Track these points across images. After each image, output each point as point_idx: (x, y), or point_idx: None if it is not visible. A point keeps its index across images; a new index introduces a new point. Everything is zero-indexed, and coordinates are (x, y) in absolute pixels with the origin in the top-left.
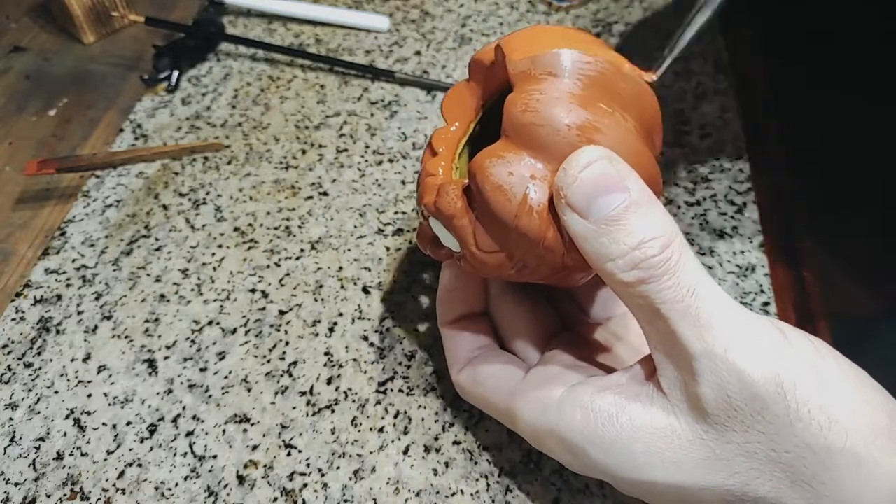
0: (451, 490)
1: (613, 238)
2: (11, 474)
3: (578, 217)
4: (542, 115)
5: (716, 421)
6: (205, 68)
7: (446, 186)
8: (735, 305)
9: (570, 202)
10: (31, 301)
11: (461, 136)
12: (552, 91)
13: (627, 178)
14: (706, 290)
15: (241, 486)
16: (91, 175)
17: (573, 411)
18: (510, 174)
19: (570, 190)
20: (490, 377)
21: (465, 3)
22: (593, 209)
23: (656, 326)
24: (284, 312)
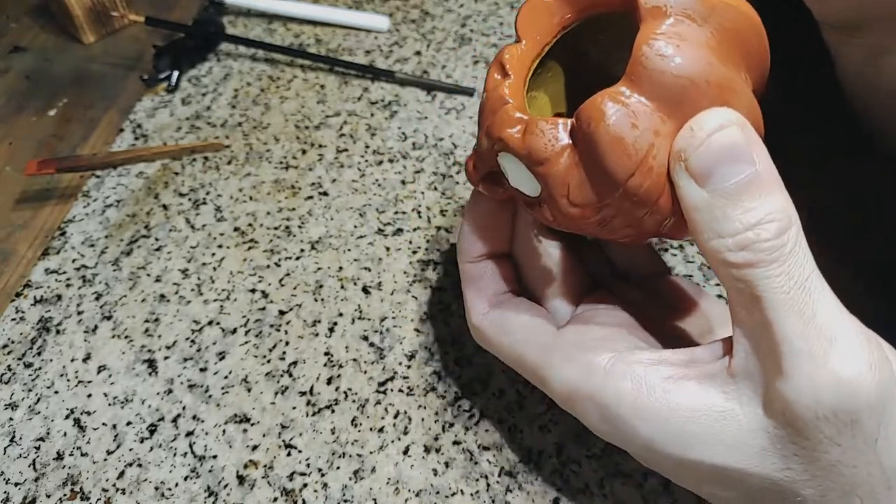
0: (451, 490)
1: (728, 214)
2: (11, 474)
3: (695, 184)
4: (681, 66)
5: (790, 422)
6: (205, 68)
7: (540, 124)
8: (842, 310)
9: (691, 167)
10: (31, 301)
11: (534, 58)
12: (692, 39)
13: (756, 150)
14: (816, 286)
15: (241, 486)
16: (91, 175)
17: (622, 381)
18: (633, 126)
19: (695, 153)
20: (520, 327)
21: (465, 3)
22: (714, 178)
23: (751, 313)
24: (284, 312)
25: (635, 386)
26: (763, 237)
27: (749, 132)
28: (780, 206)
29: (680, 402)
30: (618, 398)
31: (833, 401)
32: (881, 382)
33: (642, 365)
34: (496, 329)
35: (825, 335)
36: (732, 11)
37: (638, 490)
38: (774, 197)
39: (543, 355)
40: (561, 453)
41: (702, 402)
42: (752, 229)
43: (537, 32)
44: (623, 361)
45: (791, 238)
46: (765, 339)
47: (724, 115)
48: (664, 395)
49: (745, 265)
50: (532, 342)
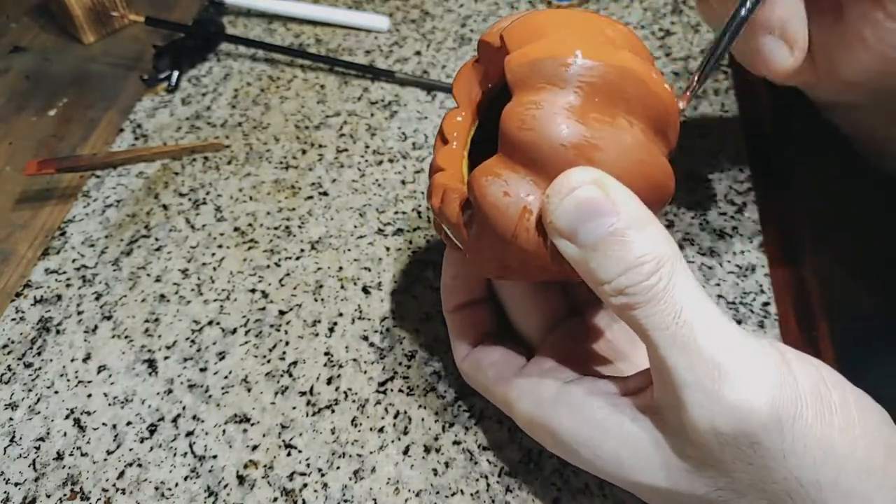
0: (451, 490)
1: (600, 263)
2: (11, 474)
3: (567, 241)
4: (537, 134)
5: (702, 448)
6: (205, 68)
7: (449, 193)
8: (731, 331)
9: (556, 226)
10: (31, 301)
11: (471, 124)
12: (550, 105)
13: (617, 200)
14: (696, 315)
15: (241, 486)
16: (91, 175)
17: (564, 410)
18: (506, 194)
19: (556, 216)
20: (491, 365)
21: (465, 3)
22: (580, 234)
23: (648, 351)
24: (284, 312)
25: (574, 415)
26: (635, 280)
27: (607, 186)
28: (647, 248)
29: (611, 430)
30: (561, 427)
31: (729, 426)
32: (774, 400)
33: (581, 395)
34: (472, 370)
35: (712, 364)
36: (597, 68)
37: None
38: (642, 240)
39: (507, 390)
40: None
41: (633, 430)
42: (624, 274)
43: (469, 97)
44: (566, 391)
45: (664, 275)
46: (663, 375)
47: (577, 177)
48: (598, 424)
49: (626, 308)
50: (500, 379)
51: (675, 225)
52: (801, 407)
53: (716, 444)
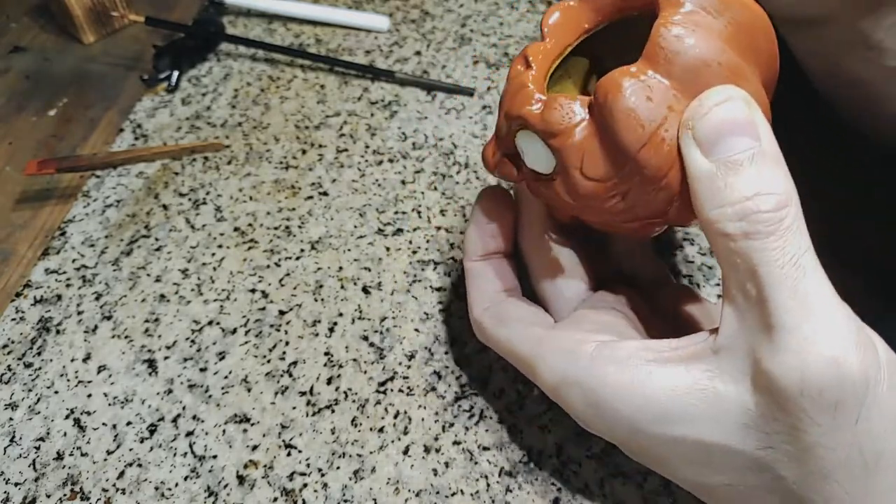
0: (451, 490)
1: (730, 183)
2: (11, 474)
3: (700, 153)
4: (696, 46)
5: (773, 397)
6: (205, 68)
7: (558, 99)
8: (835, 293)
9: (697, 135)
10: (31, 301)
11: (556, 56)
12: (706, 26)
13: (761, 126)
14: (811, 265)
15: (241, 486)
16: (91, 175)
17: (606, 366)
18: (648, 99)
19: (701, 122)
20: (518, 320)
21: (465, 3)
22: (719, 147)
23: (745, 289)
24: (284, 312)
25: (618, 369)
26: (762, 208)
27: (755, 110)
28: (780, 182)
29: (662, 382)
30: (602, 381)
31: (819, 380)
32: (866, 366)
33: (626, 350)
34: (494, 323)
35: (817, 314)
36: (746, 10)
37: (638, 490)
38: (775, 173)
39: (534, 347)
40: (561, 453)
41: (683, 381)
42: (751, 199)
43: (562, 33)
44: (608, 348)
45: (790, 214)
46: (756, 314)
47: (730, 90)
48: (647, 377)
49: (742, 236)
50: (525, 335)
51: None
52: (882, 374)
53: (796, 396)
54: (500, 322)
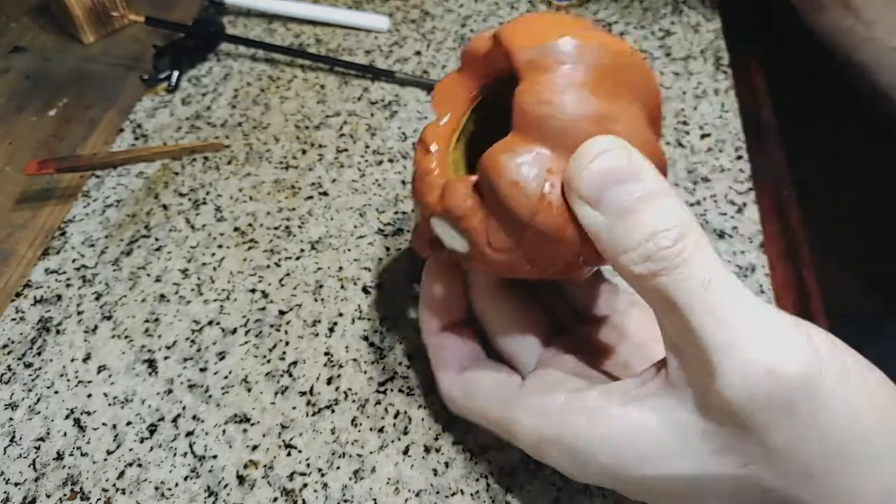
0: (451, 490)
1: (626, 230)
2: (11, 474)
3: (590, 209)
4: (555, 107)
5: (732, 416)
6: (205, 68)
7: (454, 184)
8: (752, 298)
9: (582, 193)
10: (31, 301)
11: (453, 131)
12: (564, 80)
13: (641, 168)
14: (722, 283)
15: (241, 486)
16: (91, 175)
17: (577, 417)
18: (526, 170)
19: (582, 181)
20: (485, 386)
21: (465, 3)
22: (605, 200)
23: (672, 322)
24: (284, 312)
25: (589, 420)
26: (662, 245)
27: (631, 153)
28: (673, 214)
29: (632, 426)
30: (576, 435)
31: (764, 388)
32: (805, 362)
33: (593, 398)
34: (462, 395)
35: (743, 328)
36: (605, 49)
37: None
38: (666, 207)
39: (507, 408)
40: None
41: (651, 420)
42: (650, 240)
43: (453, 105)
44: (577, 398)
45: (690, 243)
46: (690, 344)
47: (603, 142)
48: (615, 422)
49: (651, 275)
50: (497, 398)
51: None
52: (825, 369)
53: (749, 411)
54: (467, 393)
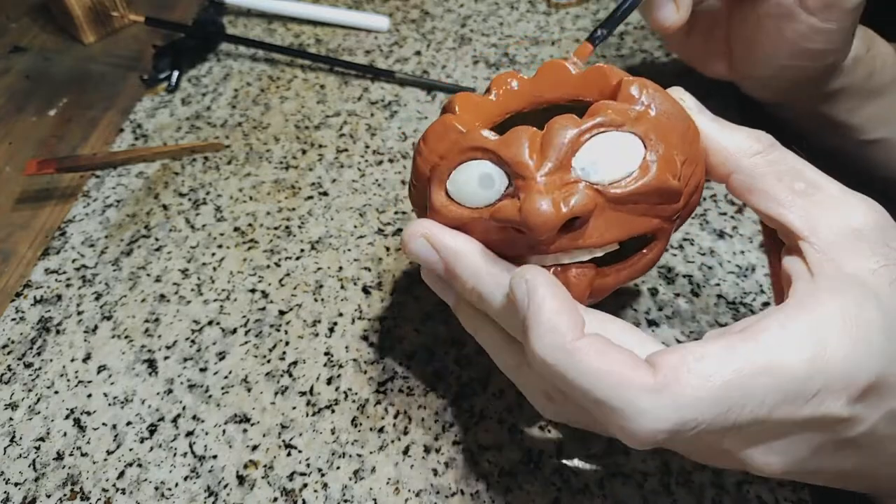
0: (451, 490)
1: (731, 126)
2: (11, 474)
3: (702, 115)
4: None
5: (879, 243)
6: (205, 68)
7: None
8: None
9: (689, 105)
10: (31, 301)
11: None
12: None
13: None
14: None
15: (241, 486)
16: (91, 175)
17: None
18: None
19: (687, 97)
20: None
21: (465, 3)
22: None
23: (795, 187)
24: (284, 312)
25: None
26: (764, 133)
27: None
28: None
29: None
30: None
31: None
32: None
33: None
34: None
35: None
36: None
37: (638, 490)
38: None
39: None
40: (561, 453)
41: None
42: (755, 131)
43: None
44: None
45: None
46: (818, 200)
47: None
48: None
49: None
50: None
51: None
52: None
53: (885, 224)
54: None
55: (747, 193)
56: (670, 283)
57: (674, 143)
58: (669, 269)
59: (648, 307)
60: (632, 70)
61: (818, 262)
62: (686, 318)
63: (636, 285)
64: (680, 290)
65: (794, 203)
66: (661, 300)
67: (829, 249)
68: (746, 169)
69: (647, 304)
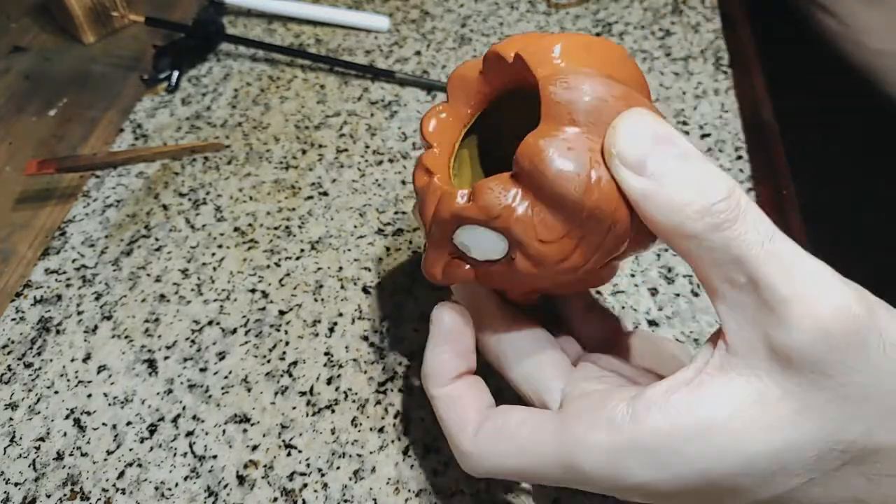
0: (450, 490)
1: (676, 189)
2: (11, 474)
3: (635, 175)
4: (584, 89)
5: (808, 369)
6: (205, 68)
7: (485, 184)
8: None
9: (626, 160)
10: (31, 301)
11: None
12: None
13: (673, 132)
14: (781, 237)
15: (241, 486)
16: (91, 175)
17: (651, 415)
18: (570, 150)
19: (625, 148)
20: (522, 424)
21: (465, 3)
22: (647, 163)
23: (732, 280)
24: (284, 312)
25: (665, 414)
26: (717, 199)
27: (661, 120)
28: (718, 174)
29: (713, 407)
30: (656, 432)
31: (839, 327)
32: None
33: (661, 393)
34: (493, 442)
35: (808, 276)
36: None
37: None
38: (707, 167)
39: (560, 437)
40: None
41: (733, 395)
42: (703, 197)
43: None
44: (641, 400)
45: (742, 199)
46: (753, 299)
47: (636, 111)
48: (697, 408)
49: (712, 229)
50: (540, 436)
51: None
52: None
53: (828, 352)
54: (499, 437)
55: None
56: (670, 283)
57: (552, 230)
58: (669, 269)
59: (648, 307)
60: None
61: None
62: (686, 318)
63: (636, 285)
64: (680, 290)
65: (727, 297)
66: (661, 300)
67: (744, 358)
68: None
69: (647, 304)
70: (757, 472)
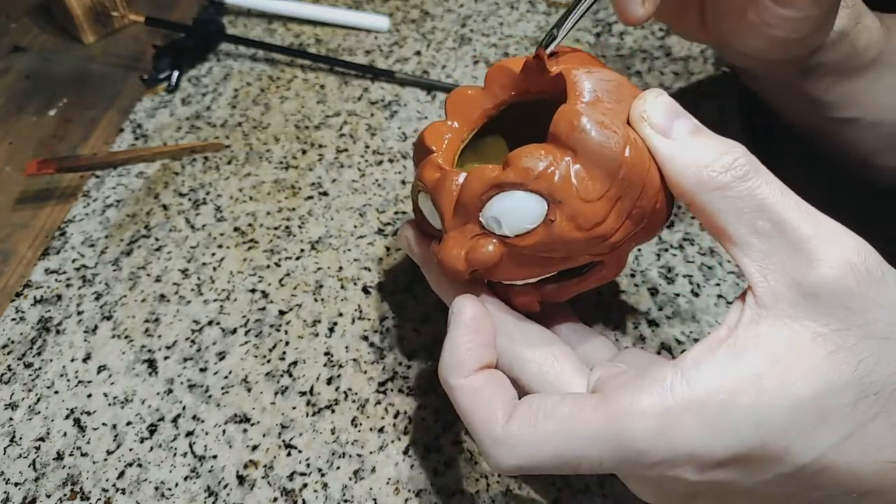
0: (450, 490)
1: (699, 148)
2: (11, 474)
3: (663, 138)
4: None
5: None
6: (205, 68)
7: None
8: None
9: (654, 124)
10: (31, 301)
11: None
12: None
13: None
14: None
15: (241, 486)
16: (91, 175)
17: (700, 372)
18: (603, 113)
19: (652, 111)
20: (561, 404)
21: (465, 3)
22: (675, 126)
23: (757, 228)
24: (284, 312)
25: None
26: (738, 155)
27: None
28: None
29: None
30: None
31: (862, 260)
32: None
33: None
34: (530, 424)
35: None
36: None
37: None
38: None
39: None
40: None
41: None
42: (726, 154)
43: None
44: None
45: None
46: (781, 243)
47: (656, 90)
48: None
49: (737, 181)
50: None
51: (675, 225)
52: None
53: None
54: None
55: (707, 226)
56: (670, 283)
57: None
58: (669, 269)
59: (648, 307)
60: (631, 70)
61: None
62: (686, 318)
63: (636, 285)
64: (680, 290)
65: (752, 246)
66: (661, 300)
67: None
68: (704, 203)
69: (648, 304)
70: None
